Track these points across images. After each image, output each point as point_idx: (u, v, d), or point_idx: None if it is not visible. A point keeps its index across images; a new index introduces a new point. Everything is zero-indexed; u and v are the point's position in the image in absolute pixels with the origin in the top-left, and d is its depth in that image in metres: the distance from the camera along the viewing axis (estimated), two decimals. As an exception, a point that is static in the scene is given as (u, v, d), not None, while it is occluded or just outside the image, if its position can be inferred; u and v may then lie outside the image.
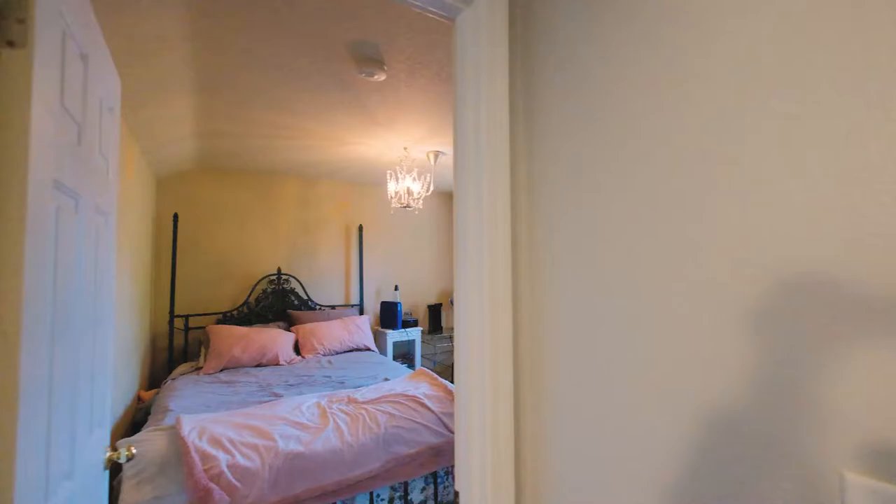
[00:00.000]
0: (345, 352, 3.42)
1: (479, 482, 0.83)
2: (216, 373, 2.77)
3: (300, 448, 1.60)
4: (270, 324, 3.50)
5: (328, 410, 1.92)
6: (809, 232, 0.44)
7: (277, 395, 2.28)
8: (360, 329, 3.65)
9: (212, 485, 1.36)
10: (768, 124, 0.48)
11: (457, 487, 0.90)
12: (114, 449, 1.14)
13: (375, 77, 1.85)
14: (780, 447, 0.46)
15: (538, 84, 0.83)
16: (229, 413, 1.86)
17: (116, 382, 2.06)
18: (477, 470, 0.83)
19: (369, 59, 1.73)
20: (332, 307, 3.97)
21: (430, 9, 0.93)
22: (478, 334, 0.84)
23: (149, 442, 1.56)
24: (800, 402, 0.44)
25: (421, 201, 3.18)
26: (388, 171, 3.13)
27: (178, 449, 1.50)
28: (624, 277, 0.64)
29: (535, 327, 0.81)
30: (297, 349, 3.34)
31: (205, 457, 1.45)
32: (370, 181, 4.14)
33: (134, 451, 1.13)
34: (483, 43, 0.87)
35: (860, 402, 0.40)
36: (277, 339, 3.15)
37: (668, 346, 0.58)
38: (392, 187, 3.08)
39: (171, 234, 3.28)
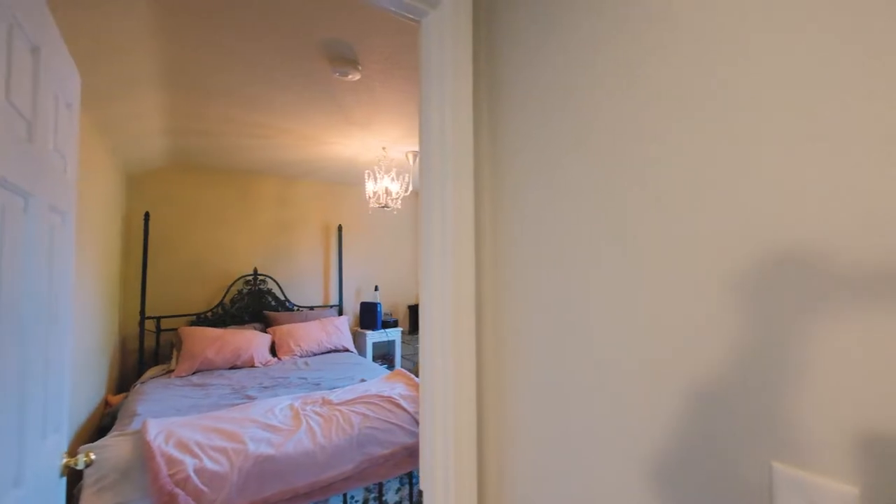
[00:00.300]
0: (322, 353, 3.39)
1: (443, 481, 0.83)
2: (188, 375, 2.70)
3: (271, 451, 1.58)
4: (246, 325, 3.44)
5: (301, 412, 1.90)
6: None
7: (251, 398, 2.24)
8: (339, 330, 3.62)
9: (177, 490, 1.33)
10: (722, 110, 0.50)
11: (421, 486, 0.90)
12: (72, 455, 1.11)
13: (349, 77, 1.84)
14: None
15: (502, 86, 0.84)
16: (199, 416, 1.82)
17: (81, 386, 1.99)
18: (440, 469, 0.84)
19: (343, 59, 1.72)
20: (311, 308, 3.93)
21: (397, 10, 0.93)
22: (440, 336, 0.85)
23: (112, 447, 1.52)
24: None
25: (399, 201, 3.17)
26: (367, 171, 3.12)
27: (143, 454, 1.47)
28: (586, 273, 0.65)
29: (497, 328, 0.82)
30: (273, 351, 3.30)
31: (171, 461, 1.42)
32: (349, 181, 4.11)
33: (93, 457, 1.10)
34: (447, 45, 0.87)
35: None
36: (253, 341, 3.10)
37: (635, 343, 0.59)
38: (370, 187, 3.07)
39: (142, 233, 3.20)
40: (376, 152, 3.10)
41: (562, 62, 0.70)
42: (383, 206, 3.09)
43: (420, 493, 0.85)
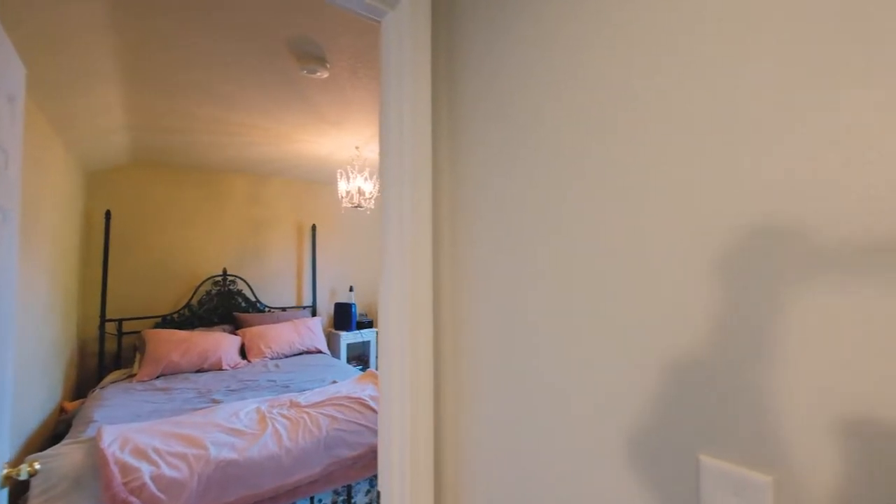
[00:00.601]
0: (294, 355, 3.33)
1: (399, 482, 0.83)
2: (151, 380, 2.61)
3: (233, 455, 1.54)
4: (215, 327, 3.35)
5: (268, 415, 1.86)
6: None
7: (216, 402, 2.19)
8: (312, 331, 3.57)
9: (132, 498, 1.28)
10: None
11: (379, 487, 0.90)
12: (18, 464, 1.05)
13: (318, 74, 1.82)
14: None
15: (460, 85, 0.84)
16: (159, 422, 1.76)
17: (31, 392, 1.90)
18: (397, 470, 0.84)
19: (310, 57, 1.70)
20: (283, 309, 3.86)
21: (357, 10, 0.93)
22: (398, 335, 0.85)
23: (63, 456, 1.46)
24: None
25: (373, 201, 3.15)
26: (339, 171, 3.08)
27: (96, 462, 1.41)
28: (546, 273, 0.66)
29: (456, 328, 0.83)
30: (243, 353, 3.22)
31: (125, 469, 1.37)
32: (323, 180, 4.06)
33: (38, 466, 1.05)
34: (406, 45, 0.87)
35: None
36: (221, 343, 3.02)
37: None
38: (343, 187, 3.03)
39: (102, 232, 3.07)
40: (350, 151, 3.07)
41: (516, 61, 0.71)
42: (356, 206, 3.07)
43: (378, 493, 0.84)
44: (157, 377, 2.66)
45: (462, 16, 0.84)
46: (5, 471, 1.00)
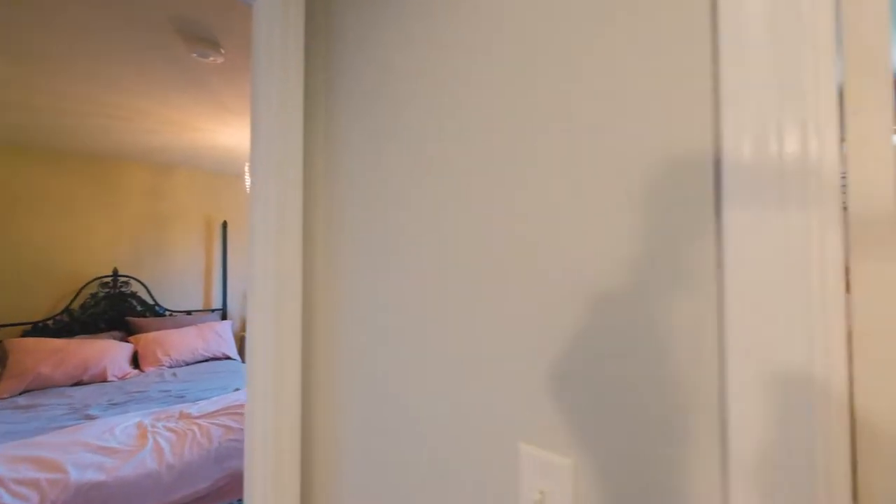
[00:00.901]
0: (198, 362, 3.07)
1: (262, 492, 0.79)
2: (13, 396, 2.26)
3: (100, 477, 1.38)
4: (102, 334, 2.99)
5: (150, 430, 1.69)
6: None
7: (91, 418, 1.94)
8: (220, 336, 3.31)
9: (-43, 537, 1.09)
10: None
11: (245, 499, 0.85)
12: None
13: (211, 59, 1.68)
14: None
15: (336, 78, 0.82)
16: (9, 445, 1.52)
17: None
18: (260, 479, 0.80)
19: (199, 39, 1.57)
20: (188, 313, 3.54)
21: (226, -10, 0.87)
22: (263, 353, 0.80)
23: None
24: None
25: (287, 198, 3.00)
26: (247, 163, 2.90)
27: (-87, 498, 1.18)
28: (414, 268, 0.66)
29: (330, 336, 0.80)
30: (137, 363, 2.90)
31: (-48, 503, 1.16)
32: (235, 172, 3.80)
33: None
34: (275, 33, 0.83)
35: None
36: (107, 352, 2.70)
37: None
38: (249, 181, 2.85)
39: (-49, 225, 2.60)
40: (261, 144, 2.89)
41: (381, 55, 0.70)
42: (268, 202, 2.90)
43: (241, 506, 0.80)
44: (21, 393, 2.30)
45: (338, 4, 0.82)
46: None
